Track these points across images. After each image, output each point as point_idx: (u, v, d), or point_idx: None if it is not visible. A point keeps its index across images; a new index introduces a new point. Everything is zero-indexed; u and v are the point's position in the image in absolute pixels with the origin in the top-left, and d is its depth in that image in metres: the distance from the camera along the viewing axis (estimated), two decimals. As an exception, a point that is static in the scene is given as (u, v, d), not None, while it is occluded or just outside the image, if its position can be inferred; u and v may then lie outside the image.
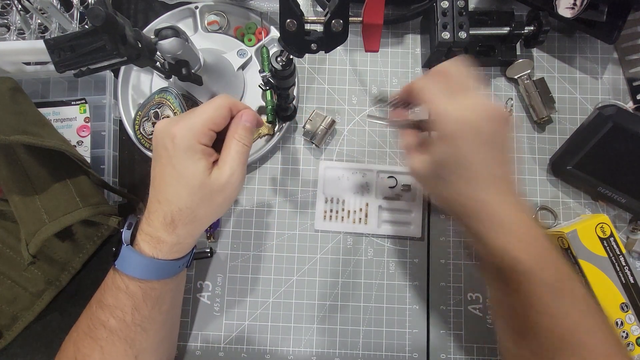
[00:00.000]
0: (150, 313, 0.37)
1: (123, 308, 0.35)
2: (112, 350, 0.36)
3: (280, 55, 0.37)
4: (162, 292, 0.38)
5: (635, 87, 0.50)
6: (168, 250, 0.36)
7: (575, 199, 0.49)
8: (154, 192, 0.36)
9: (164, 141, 0.34)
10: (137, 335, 0.36)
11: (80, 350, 0.36)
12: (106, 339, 0.35)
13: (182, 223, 0.35)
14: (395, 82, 0.51)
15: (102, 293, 0.37)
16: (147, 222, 0.36)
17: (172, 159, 0.34)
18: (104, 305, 0.36)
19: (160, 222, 0.35)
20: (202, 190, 0.34)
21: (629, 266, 0.42)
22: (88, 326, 0.36)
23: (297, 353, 0.46)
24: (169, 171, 0.34)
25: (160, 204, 0.35)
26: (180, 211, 0.35)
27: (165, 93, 0.45)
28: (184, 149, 0.34)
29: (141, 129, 0.46)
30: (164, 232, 0.35)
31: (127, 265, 0.35)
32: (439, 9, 0.45)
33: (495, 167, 0.33)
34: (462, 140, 0.32)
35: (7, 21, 0.48)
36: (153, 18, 0.52)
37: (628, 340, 0.42)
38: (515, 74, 0.50)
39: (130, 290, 0.35)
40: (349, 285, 0.47)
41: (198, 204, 0.35)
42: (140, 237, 0.36)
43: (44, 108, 0.49)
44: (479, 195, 0.33)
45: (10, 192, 0.42)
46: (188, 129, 0.34)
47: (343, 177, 0.49)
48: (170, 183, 0.34)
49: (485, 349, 0.46)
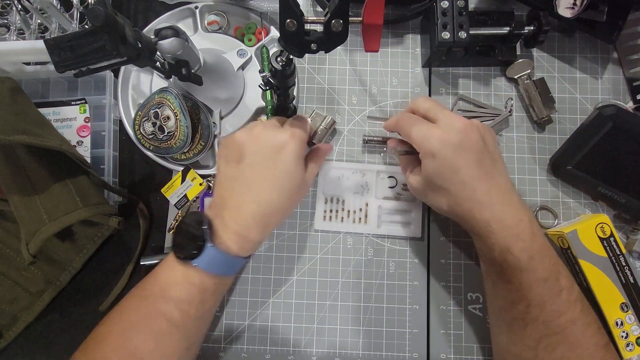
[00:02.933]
0: (211, 306, 0.39)
1: (191, 301, 0.36)
2: (168, 341, 0.36)
3: (280, 55, 0.37)
4: (227, 286, 0.41)
5: (635, 87, 0.50)
6: (251, 247, 0.38)
7: (575, 199, 0.49)
8: (248, 194, 0.37)
9: (274, 146, 0.37)
10: (193, 327, 0.38)
11: (131, 341, 0.35)
12: (164, 330, 0.36)
13: (275, 223, 0.39)
14: (395, 82, 0.51)
15: (167, 287, 0.37)
16: (236, 221, 0.37)
17: (283, 163, 0.37)
18: (168, 297, 0.36)
19: (257, 221, 0.37)
20: (299, 190, 0.39)
21: (629, 266, 0.42)
22: (143, 317, 0.36)
23: (297, 353, 0.46)
24: (277, 174, 0.37)
25: (259, 205, 0.37)
26: (278, 212, 0.38)
27: (165, 93, 0.45)
28: (297, 156, 0.37)
29: (141, 129, 0.46)
30: (257, 231, 0.37)
31: (210, 264, 0.36)
32: (439, 9, 0.45)
33: (486, 169, 0.37)
34: (446, 152, 0.37)
35: (7, 21, 0.48)
36: (153, 18, 0.52)
37: (628, 340, 0.42)
38: (515, 74, 0.50)
39: (204, 285, 0.36)
40: (349, 285, 0.47)
41: (292, 203, 0.40)
42: (227, 236, 0.37)
43: (44, 108, 0.49)
44: (475, 197, 0.37)
45: (10, 192, 0.42)
46: (300, 139, 0.38)
47: (343, 177, 0.49)
48: (275, 186, 0.37)
49: (485, 349, 0.46)
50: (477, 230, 0.38)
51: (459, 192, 0.37)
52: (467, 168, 0.37)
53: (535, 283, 0.35)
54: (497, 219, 0.36)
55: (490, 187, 0.37)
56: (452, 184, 0.37)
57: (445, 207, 0.40)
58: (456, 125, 0.37)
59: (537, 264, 0.35)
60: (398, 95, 0.51)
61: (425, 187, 0.40)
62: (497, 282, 0.38)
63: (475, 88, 0.51)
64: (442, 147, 0.37)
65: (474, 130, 0.38)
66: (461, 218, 0.39)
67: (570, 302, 0.35)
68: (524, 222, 0.36)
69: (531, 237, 0.36)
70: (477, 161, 0.37)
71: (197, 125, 0.46)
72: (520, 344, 0.37)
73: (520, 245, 0.35)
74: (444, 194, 0.38)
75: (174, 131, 0.44)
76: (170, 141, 0.45)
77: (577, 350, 0.35)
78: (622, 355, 0.42)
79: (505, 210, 0.36)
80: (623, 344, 0.42)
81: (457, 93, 0.51)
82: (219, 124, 0.48)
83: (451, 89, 0.51)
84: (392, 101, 0.51)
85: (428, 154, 0.38)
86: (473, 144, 0.37)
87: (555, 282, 0.36)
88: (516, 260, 0.35)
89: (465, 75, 0.51)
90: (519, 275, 0.35)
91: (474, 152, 0.37)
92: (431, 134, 0.38)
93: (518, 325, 0.37)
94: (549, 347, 0.35)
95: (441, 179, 0.38)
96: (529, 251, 0.35)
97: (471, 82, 0.51)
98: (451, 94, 0.51)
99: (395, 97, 0.51)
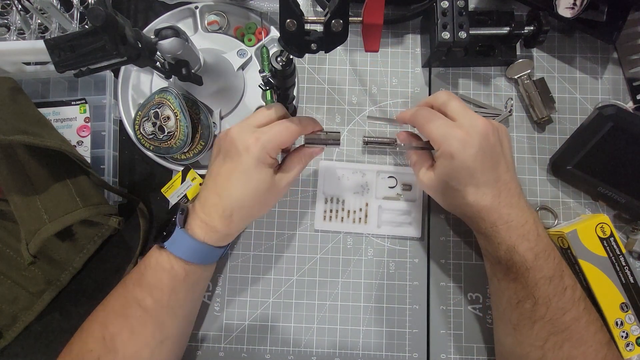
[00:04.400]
0: (184, 297, 0.40)
1: (163, 288, 0.38)
2: (142, 330, 0.37)
3: (280, 55, 0.37)
4: (199, 278, 0.41)
5: (635, 87, 0.50)
6: (218, 238, 0.39)
7: (575, 199, 0.49)
8: (213, 186, 0.39)
9: (238, 148, 0.37)
10: (167, 319, 0.39)
11: (108, 329, 0.37)
12: (138, 318, 0.37)
13: (238, 218, 0.39)
14: (395, 82, 0.51)
15: (142, 272, 0.39)
16: (203, 211, 0.39)
17: (243, 165, 0.37)
18: (143, 284, 0.38)
19: (219, 214, 0.38)
20: (265, 193, 0.39)
21: (629, 266, 0.42)
22: (121, 304, 0.38)
23: (297, 353, 0.46)
24: (237, 174, 0.38)
25: (221, 198, 0.38)
26: (241, 209, 0.38)
27: (165, 93, 0.45)
28: (256, 161, 0.37)
29: (141, 129, 0.46)
30: (220, 222, 0.38)
31: (178, 247, 0.38)
32: (439, 9, 0.45)
33: (499, 173, 0.37)
34: (466, 155, 0.36)
35: (7, 21, 0.48)
36: (153, 18, 0.52)
37: (628, 340, 0.42)
38: (515, 74, 0.50)
39: (174, 271, 0.38)
40: (349, 285, 0.47)
41: (258, 203, 0.39)
42: (195, 223, 0.38)
43: (44, 108, 0.49)
44: (487, 199, 0.37)
45: (10, 192, 0.42)
46: (263, 146, 0.37)
47: (343, 177, 0.49)
48: (236, 184, 0.38)
49: (485, 349, 0.46)
50: (483, 230, 0.38)
51: (470, 195, 0.37)
52: (483, 172, 0.36)
53: (541, 281, 0.36)
54: (503, 219, 0.37)
55: (501, 190, 0.37)
56: (466, 186, 0.37)
57: (454, 207, 0.41)
58: (478, 127, 0.36)
59: (543, 263, 0.36)
60: (398, 95, 0.51)
61: (439, 186, 0.40)
62: (502, 281, 0.39)
63: (475, 88, 0.51)
64: (463, 149, 0.36)
65: (494, 132, 0.37)
66: (468, 218, 0.40)
67: (574, 300, 0.36)
68: (530, 223, 0.37)
69: (536, 237, 0.37)
70: (492, 165, 0.37)
71: (197, 125, 0.46)
72: (527, 345, 0.37)
73: (526, 245, 0.36)
74: (455, 194, 0.38)
75: (174, 131, 0.44)
76: (170, 141, 0.45)
77: (582, 348, 0.35)
78: (622, 355, 0.41)
79: (512, 212, 0.37)
80: (623, 344, 0.42)
81: (457, 93, 0.51)
82: (219, 124, 0.48)
83: (451, 89, 0.51)
84: (392, 101, 0.51)
85: (447, 154, 0.37)
86: (492, 148, 0.37)
87: (559, 280, 0.36)
88: (522, 259, 0.36)
89: (465, 75, 0.51)
90: (525, 274, 0.36)
91: (492, 156, 0.37)
92: (453, 133, 0.37)
93: (525, 325, 0.37)
94: (556, 345, 0.35)
95: (456, 180, 0.37)
96: (534, 250, 0.36)
97: (471, 82, 0.51)
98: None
99: (395, 97, 0.51)
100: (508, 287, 0.38)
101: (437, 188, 0.40)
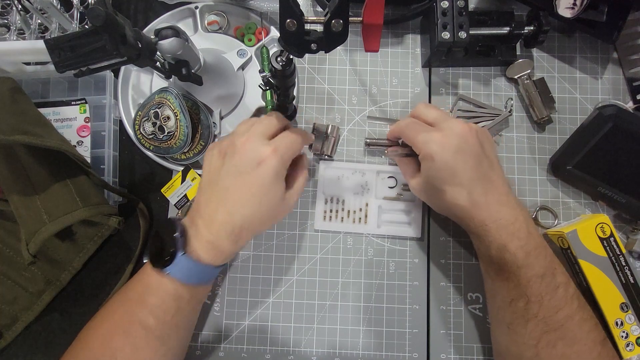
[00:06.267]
0: (189, 313, 0.39)
1: (167, 309, 0.36)
2: (145, 347, 0.36)
3: (280, 55, 0.37)
4: (204, 295, 0.41)
5: (635, 87, 0.50)
6: (224, 258, 0.38)
7: (575, 199, 0.49)
8: (222, 201, 0.37)
9: (252, 160, 0.36)
10: (172, 333, 0.38)
11: (110, 345, 0.36)
12: (141, 337, 0.36)
13: (246, 236, 0.38)
14: (395, 82, 0.51)
15: (144, 293, 0.37)
16: (210, 230, 0.36)
17: (260, 179, 0.36)
18: (145, 304, 0.36)
19: (228, 232, 0.36)
20: (277, 208, 0.38)
21: (629, 266, 0.42)
22: (125, 322, 0.36)
23: (297, 353, 0.46)
24: (254, 189, 0.36)
25: (231, 215, 0.36)
26: (251, 225, 0.37)
27: (165, 93, 0.45)
28: (275, 174, 0.36)
29: (141, 129, 0.46)
30: (228, 242, 0.37)
31: (182, 273, 0.36)
32: (439, 9, 0.45)
33: (483, 171, 0.38)
34: (445, 155, 0.37)
35: (7, 21, 0.48)
36: (153, 18, 0.52)
37: (628, 340, 0.42)
38: (515, 74, 0.50)
39: (179, 293, 0.36)
40: (349, 285, 0.47)
41: (269, 219, 0.38)
42: (199, 245, 0.36)
43: (44, 108, 0.49)
44: (472, 198, 0.38)
45: (10, 192, 0.42)
46: (281, 157, 0.36)
47: (343, 177, 0.49)
48: (251, 200, 0.36)
49: (485, 349, 0.46)
50: (474, 229, 0.39)
51: (456, 194, 0.38)
52: (465, 171, 0.38)
53: (533, 279, 0.36)
54: (493, 218, 0.37)
55: (487, 189, 0.38)
56: (450, 186, 0.38)
57: (444, 208, 0.41)
58: (455, 129, 0.38)
59: (534, 261, 0.36)
60: (398, 95, 0.51)
61: (426, 188, 0.41)
62: (495, 281, 0.39)
63: (475, 88, 0.51)
64: (442, 150, 0.38)
65: (472, 134, 0.39)
66: (459, 218, 0.40)
67: (567, 298, 0.36)
68: (520, 221, 0.37)
69: (527, 235, 0.37)
70: (474, 164, 0.38)
71: (197, 125, 0.46)
72: (521, 343, 0.37)
73: (517, 243, 0.37)
74: (443, 195, 0.39)
75: (174, 131, 0.44)
76: (170, 141, 0.45)
77: (576, 347, 0.35)
78: (622, 355, 0.42)
79: (501, 210, 0.38)
80: (623, 344, 0.42)
81: (457, 93, 0.51)
82: (219, 124, 0.48)
83: (451, 89, 0.51)
84: (392, 101, 0.51)
85: (428, 156, 0.39)
86: (471, 148, 0.38)
87: (551, 278, 0.36)
88: (513, 258, 0.36)
89: (465, 75, 0.51)
90: (517, 272, 0.36)
91: (472, 155, 0.38)
92: (431, 137, 0.39)
93: (518, 324, 0.37)
94: (550, 344, 0.35)
95: (440, 180, 0.39)
96: (525, 249, 0.36)
97: (471, 82, 0.51)
98: (451, 94, 0.51)
99: (395, 97, 0.51)
100: (501, 286, 0.38)
101: (425, 191, 0.42)
